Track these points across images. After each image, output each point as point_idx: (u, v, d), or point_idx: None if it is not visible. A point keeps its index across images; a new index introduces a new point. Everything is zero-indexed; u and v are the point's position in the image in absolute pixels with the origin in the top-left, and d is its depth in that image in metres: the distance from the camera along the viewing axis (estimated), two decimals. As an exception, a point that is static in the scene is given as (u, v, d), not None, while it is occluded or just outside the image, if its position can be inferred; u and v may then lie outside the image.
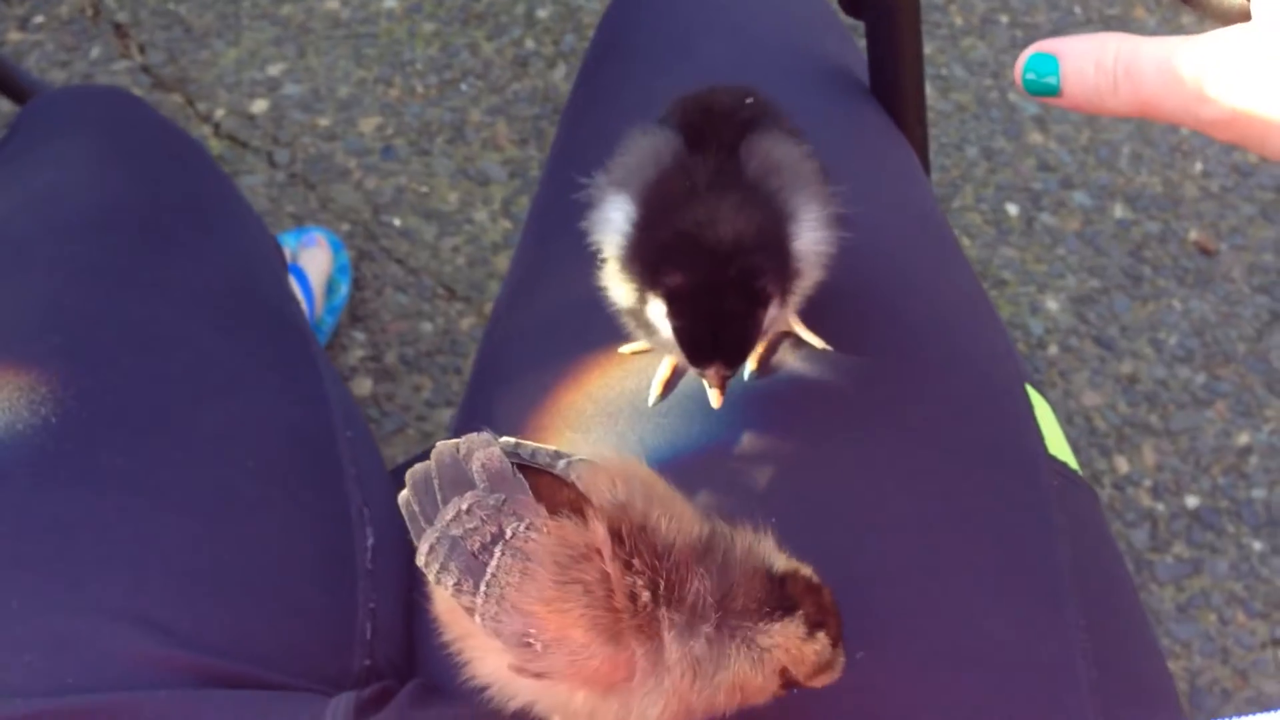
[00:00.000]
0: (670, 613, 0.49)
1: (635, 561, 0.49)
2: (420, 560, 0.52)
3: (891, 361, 0.70)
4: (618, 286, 0.63)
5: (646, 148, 0.63)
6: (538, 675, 0.50)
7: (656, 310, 0.60)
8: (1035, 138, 1.74)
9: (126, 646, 0.62)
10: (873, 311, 0.72)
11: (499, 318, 0.86)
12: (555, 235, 0.85)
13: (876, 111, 0.87)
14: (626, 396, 0.70)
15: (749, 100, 0.64)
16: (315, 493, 0.74)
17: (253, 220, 0.90)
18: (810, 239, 0.62)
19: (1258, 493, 1.50)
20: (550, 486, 0.52)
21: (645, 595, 0.48)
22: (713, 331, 0.58)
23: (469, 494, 0.51)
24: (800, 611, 0.49)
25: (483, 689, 0.54)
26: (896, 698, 0.61)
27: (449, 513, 0.51)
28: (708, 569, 0.50)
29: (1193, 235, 1.68)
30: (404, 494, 0.54)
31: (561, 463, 0.53)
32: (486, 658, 0.52)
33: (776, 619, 0.49)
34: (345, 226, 1.61)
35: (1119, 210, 1.69)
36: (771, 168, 0.62)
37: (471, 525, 0.50)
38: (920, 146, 0.90)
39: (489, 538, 0.50)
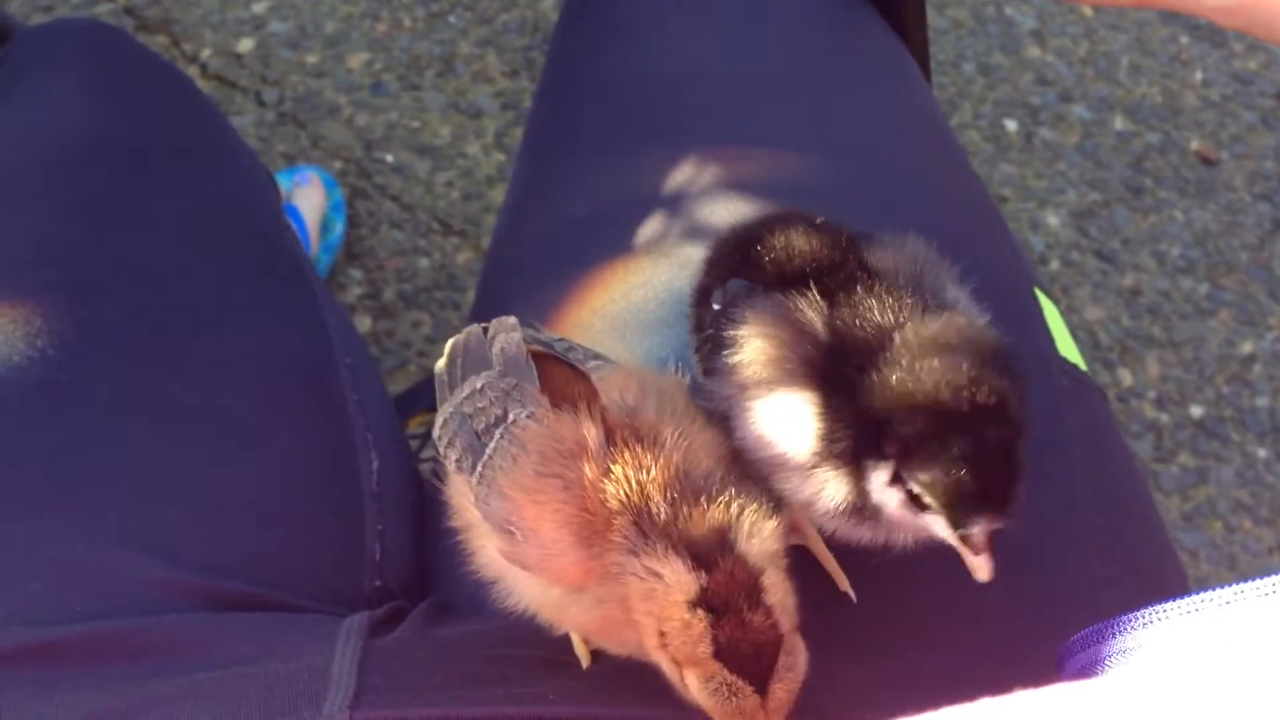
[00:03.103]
0: (627, 526, 0.47)
1: (615, 469, 0.48)
2: (435, 432, 0.53)
3: None
4: (822, 488, 0.52)
5: (772, 326, 0.53)
6: (515, 563, 0.50)
7: (880, 482, 0.50)
8: (1033, 52, 1.72)
9: (134, 572, 0.62)
10: (882, 217, 0.71)
11: (499, 243, 0.85)
12: (551, 156, 0.84)
13: (877, 20, 0.86)
14: (632, 310, 0.69)
15: (819, 221, 0.57)
16: (318, 418, 0.74)
17: (243, 149, 0.88)
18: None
19: (1262, 400, 1.50)
20: (566, 380, 0.52)
21: (613, 504, 0.47)
22: (976, 474, 0.48)
23: (484, 374, 0.52)
24: (701, 575, 0.45)
25: (490, 590, 0.54)
26: (901, 604, 0.61)
27: (465, 390, 0.52)
28: (672, 497, 0.47)
29: (1193, 145, 1.66)
30: (440, 363, 0.56)
31: (592, 363, 0.53)
32: (486, 548, 0.52)
33: (667, 560, 0.45)
34: (337, 164, 1.59)
35: (1119, 122, 1.67)
36: (913, 270, 0.54)
37: (481, 405, 0.51)
38: (921, 54, 0.89)
39: (493, 419, 0.50)
